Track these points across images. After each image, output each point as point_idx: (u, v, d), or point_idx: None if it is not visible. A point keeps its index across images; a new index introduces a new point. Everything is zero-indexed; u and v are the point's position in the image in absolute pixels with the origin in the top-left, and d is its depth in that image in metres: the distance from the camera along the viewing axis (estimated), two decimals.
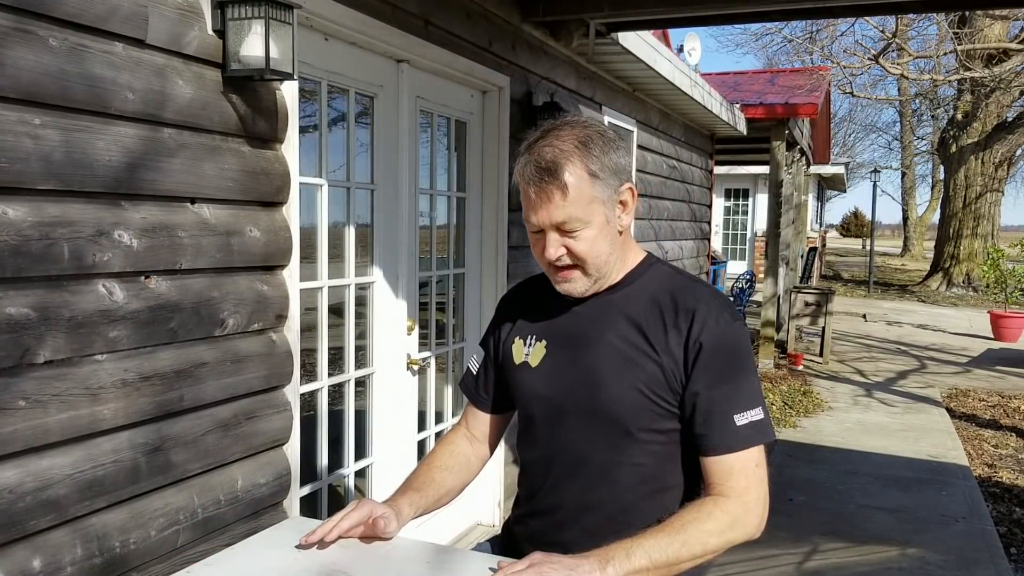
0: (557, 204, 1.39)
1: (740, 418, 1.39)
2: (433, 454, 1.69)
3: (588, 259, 1.44)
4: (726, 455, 1.39)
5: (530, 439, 1.58)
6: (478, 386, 1.72)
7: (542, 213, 1.40)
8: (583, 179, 1.39)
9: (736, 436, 1.39)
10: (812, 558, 3.73)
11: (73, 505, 1.68)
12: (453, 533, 3.68)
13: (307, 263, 2.61)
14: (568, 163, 1.39)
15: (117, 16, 1.75)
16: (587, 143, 1.41)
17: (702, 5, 3.82)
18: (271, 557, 1.41)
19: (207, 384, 2.01)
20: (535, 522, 1.57)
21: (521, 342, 1.59)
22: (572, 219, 1.40)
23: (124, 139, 1.77)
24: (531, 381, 1.56)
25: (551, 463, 1.53)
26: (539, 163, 1.39)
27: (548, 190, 1.38)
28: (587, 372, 1.48)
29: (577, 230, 1.41)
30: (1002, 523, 4.30)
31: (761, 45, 27.95)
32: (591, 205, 1.41)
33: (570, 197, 1.38)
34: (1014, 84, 13.98)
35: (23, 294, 1.58)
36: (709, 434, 1.40)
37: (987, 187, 17.65)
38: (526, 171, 1.40)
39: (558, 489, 1.52)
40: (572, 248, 1.42)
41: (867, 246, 23.30)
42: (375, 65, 2.93)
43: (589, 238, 1.42)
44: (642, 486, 1.47)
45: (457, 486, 1.66)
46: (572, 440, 1.50)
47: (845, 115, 33.56)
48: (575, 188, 1.39)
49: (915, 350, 10.09)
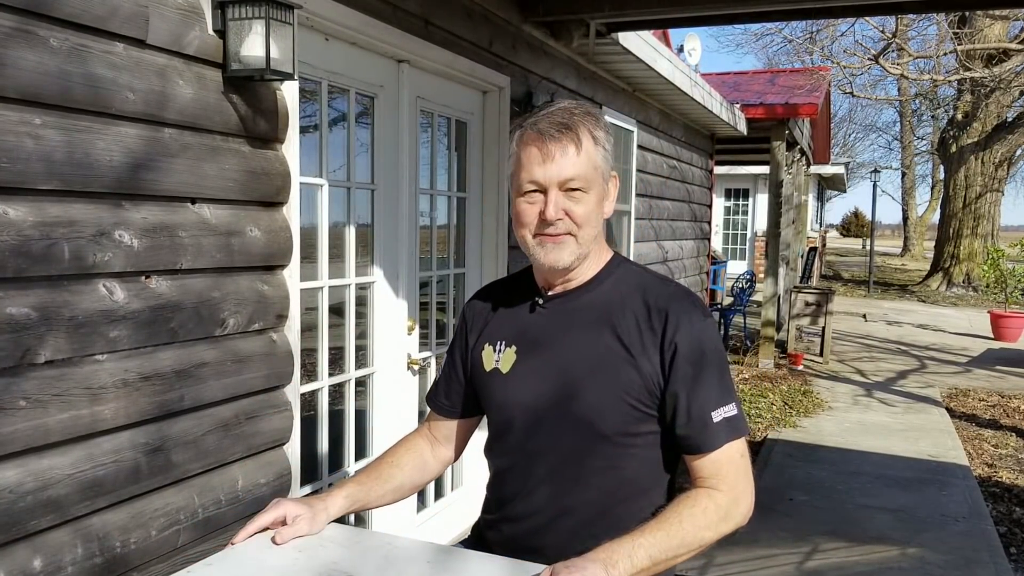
0: (571, 158, 1.39)
1: (717, 415, 1.40)
2: (388, 450, 1.68)
3: (584, 225, 1.43)
4: (714, 452, 1.40)
5: (502, 446, 1.56)
6: (438, 393, 1.69)
7: (551, 167, 1.39)
8: (593, 143, 1.42)
9: (718, 433, 1.40)
10: (812, 558, 3.73)
11: (74, 505, 1.68)
12: (454, 533, 3.68)
13: (307, 263, 2.61)
14: (583, 124, 1.42)
15: (118, 16, 1.75)
16: (594, 116, 1.46)
17: (702, 5, 3.82)
18: (271, 557, 1.42)
19: (208, 384, 2.01)
20: (509, 527, 1.55)
21: (491, 348, 1.56)
22: (579, 177, 1.40)
23: (125, 139, 1.78)
24: (503, 388, 1.53)
25: (525, 469, 1.51)
26: (553, 119, 1.41)
27: (563, 143, 1.39)
28: (560, 376, 1.46)
29: (580, 190, 1.41)
30: (1002, 523, 4.30)
31: (761, 45, 28.02)
32: (595, 171, 1.43)
33: (582, 154, 1.40)
34: (1014, 84, 13.98)
35: (24, 294, 1.58)
36: (692, 435, 1.41)
37: (987, 187, 17.65)
38: (539, 125, 1.41)
39: (533, 495, 1.50)
40: (571, 211, 1.42)
41: (867, 246, 23.31)
42: (375, 65, 2.93)
43: (590, 203, 1.43)
44: (619, 490, 1.46)
45: (407, 484, 1.63)
46: (547, 445, 1.48)
47: (845, 115, 33.65)
48: (587, 148, 1.41)
49: (915, 350, 10.08)
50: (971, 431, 6.23)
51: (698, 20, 4.30)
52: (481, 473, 3.85)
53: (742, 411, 1.45)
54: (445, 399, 1.68)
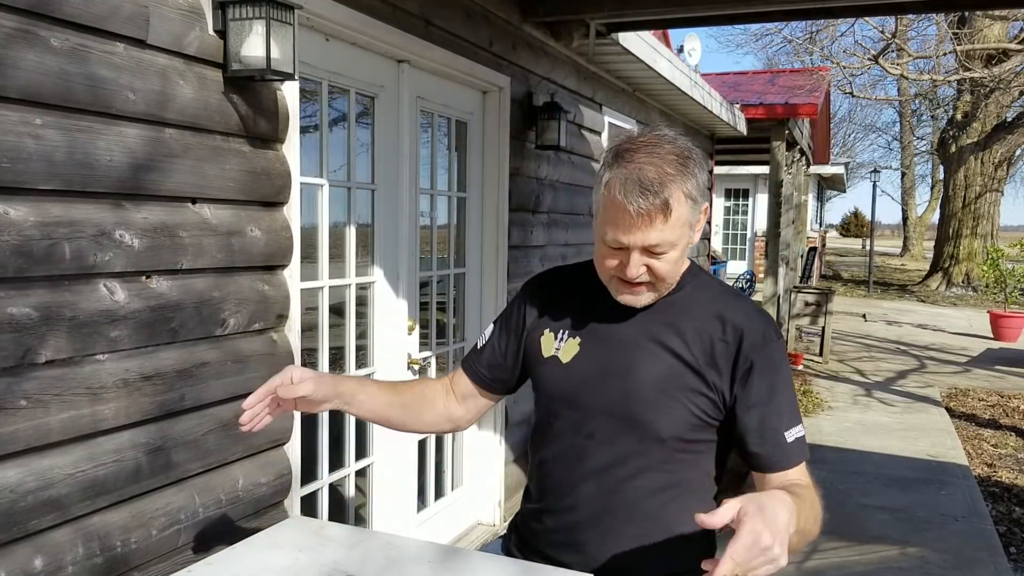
0: (657, 228, 1.32)
1: (790, 435, 1.40)
2: (403, 382, 1.66)
3: (667, 279, 1.40)
4: (784, 471, 1.40)
5: (551, 435, 1.54)
6: (478, 361, 1.64)
7: (636, 235, 1.33)
8: (683, 203, 1.34)
9: (790, 453, 1.39)
10: (812, 557, 3.73)
11: (74, 504, 1.68)
12: (454, 532, 3.68)
13: (308, 263, 2.61)
14: (672, 185, 1.32)
15: (118, 16, 1.75)
16: (687, 164, 1.35)
17: (702, 5, 3.82)
18: (272, 556, 1.42)
19: (208, 384, 2.01)
20: (551, 520, 1.54)
21: (551, 335, 1.55)
22: (665, 243, 1.35)
23: (125, 139, 1.78)
24: (560, 377, 1.52)
25: (573, 462, 1.50)
26: (643, 181, 1.31)
27: (651, 213, 1.31)
28: (623, 376, 1.45)
29: (665, 252, 1.36)
30: (1001, 522, 4.30)
31: (761, 45, 28.04)
32: (683, 228, 1.36)
33: (671, 221, 1.33)
34: (1013, 84, 13.98)
35: (25, 294, 1.58)
36: (767, 453, 1.40)
37: (986, 187, 17.66)
38: (626, 186, 1.31)
39: (578, 489, 1.49)
40: (654, 268, 1.38)
41: (867, 246, 23.32)
42: (376, 65, 2.93)
43: (673, 259, 1.38)
44: (665, 492, 1.46)
45: (399, 417, 1.59)
46: (598, 442, 1.47)
47: (845, 115, 33.67)
48: (676, 212, 1.33)
49: (915, 350, 10.09)
50: (970, 431, 6.23)
51: (698, 20, 4.30)
52: (481, 474, 3.85)
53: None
54: (484, 369, 1.63)
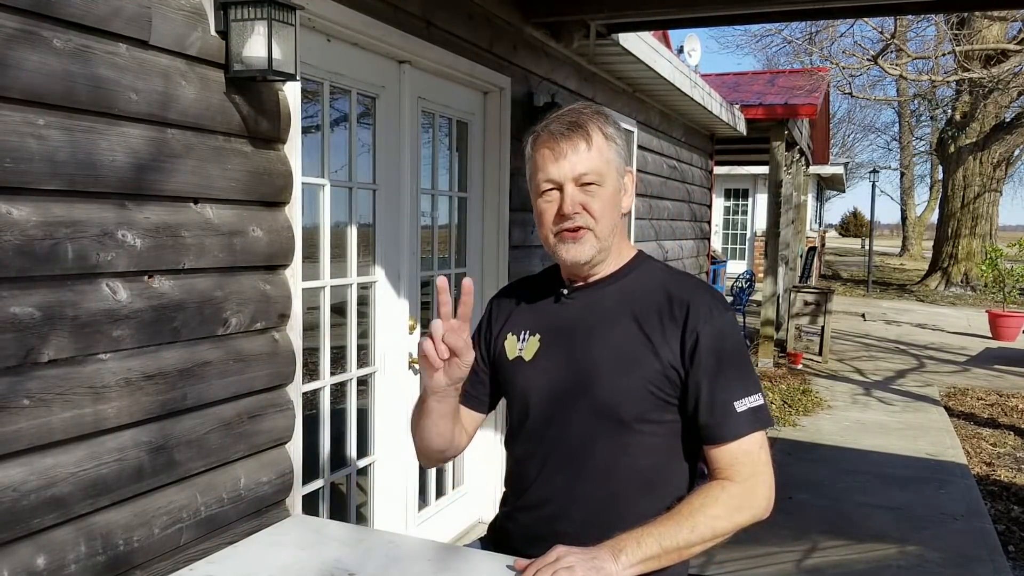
0: (582, 154, 1.44)
1: (740, 404, 1.42)
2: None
3: (601, 219, 1.46)
4: (731, 443, 1.42)
5: (523, 434, 1.58)
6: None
7: (564, 164, 1.44)
8: (603, 138, 1.47)
9: (739, 423, 1.42)
10: (811, 556, 3.74)
11: (77, 503, 1.69)
12: (455, 531, 3.69)
13: (309, 263, 2.62)
14: (591, 122, 1.47)
15: (121, 17, 1.75)
16: (603, 114, 1.52)
17: (702, 6, 3.83)
18: (274, 555, 1.42)
19: (210, 383, 2.02)
20: (524, 517, 1.57)
21: (514, 338, 1.59)
22: (592, 171, 1.45)
23: (128, 140, 1.78)
24: (526, 375, 1.56)
25: (544, 457, 1.53)
26: (563, 119, 1.47)
27: (574, 139, 1.44)
28: (584, 363, 1.49)
29: (595, 184, 1.45)
30: (1000, 521, 4.31)
31: (761, 46, 27.91)
32: (608, 165, 1.47)
33: (593, 149, 1.45)
34: (1012, 85, 13.99)
35: (27, 294, 1.59)
36: (713, 424, 1.43)
37: (985, 187, 17.66)
38: (549, 127, 1.47)
39: (548, 482, 1.52)
40: (588, 205, 1.45)
41: (866, 246, 23.30)
42: (377, 66, 2.94)
43: (605, 197, 1.47)
44: (636, 478, 1.48)
45: (450, 431, 1.58)
46: (568, 433, 1.50)
47: (844, 115, 33.65)
48: (598, 143, 1.46)
49: (914, 349, 10.10)
50: (969, 430, 6.24)
51: (698, 21, 4.31)
52: (481, 472, 3.86)
53: (766, 401, 1.47)
54: (469, 386, 1.66)
